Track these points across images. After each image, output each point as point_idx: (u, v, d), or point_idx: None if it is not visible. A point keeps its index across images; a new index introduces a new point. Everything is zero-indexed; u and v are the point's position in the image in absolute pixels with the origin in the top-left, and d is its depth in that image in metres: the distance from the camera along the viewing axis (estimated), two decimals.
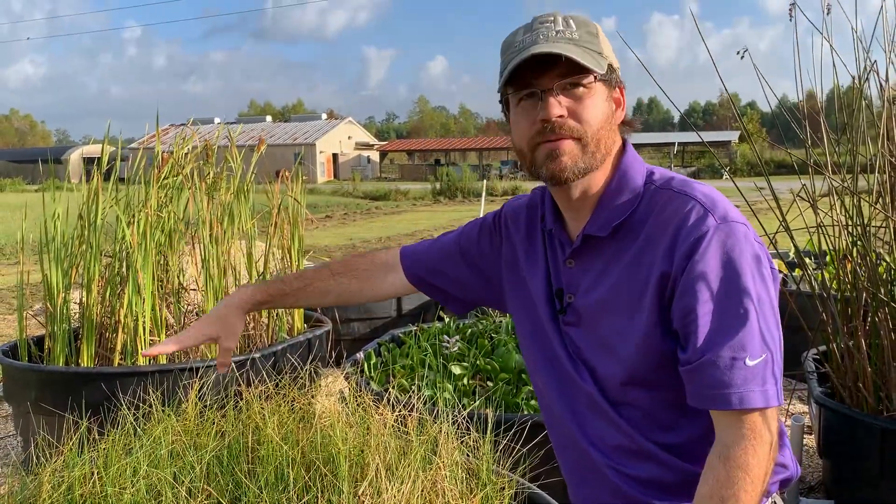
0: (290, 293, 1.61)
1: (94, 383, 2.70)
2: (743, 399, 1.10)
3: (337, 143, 54.79)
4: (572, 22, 1.22)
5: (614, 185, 1.26)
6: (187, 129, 3.84)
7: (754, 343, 1.11)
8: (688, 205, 1.19)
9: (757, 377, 1.11)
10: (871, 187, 2.51)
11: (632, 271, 1.22)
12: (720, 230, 1.15)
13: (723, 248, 1.15)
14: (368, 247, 13.03)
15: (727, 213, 1.18)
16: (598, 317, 1.28)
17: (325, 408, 1.86)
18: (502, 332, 3.26)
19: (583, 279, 1.30)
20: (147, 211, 3.20)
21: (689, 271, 1.15)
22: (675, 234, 1.18)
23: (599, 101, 1.21)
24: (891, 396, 2.32)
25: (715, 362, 1.12)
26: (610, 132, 1.24)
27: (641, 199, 1.25)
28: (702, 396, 1.14)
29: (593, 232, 1.27)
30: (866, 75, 2.55)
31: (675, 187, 1.24)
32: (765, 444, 1.11)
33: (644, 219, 1.23)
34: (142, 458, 1.55)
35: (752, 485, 1.09)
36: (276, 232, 3.76)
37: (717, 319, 1.13)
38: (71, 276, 3.26)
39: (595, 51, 1.21)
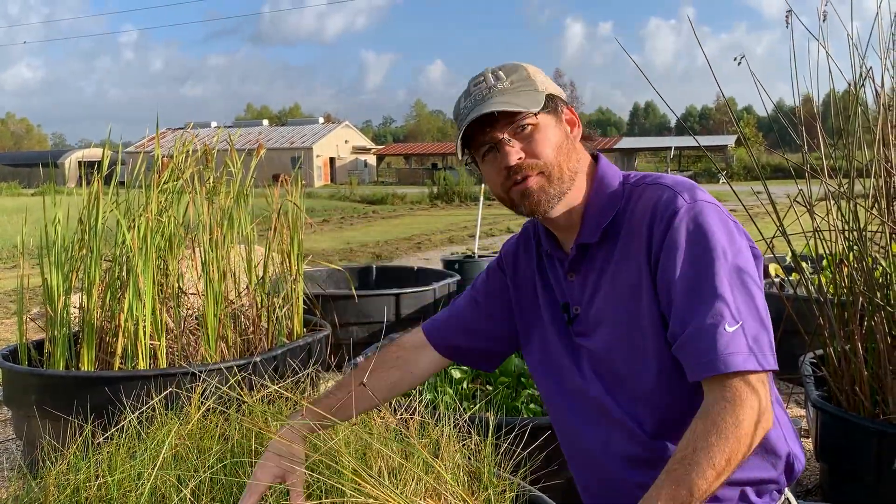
0: (339, 408, 1.56)
1: (96, 387, 2.72)
2: (727, 362, 1.13)
3: (334, 147, 54.79)
4: (501, 73, 1.34)
5: (594, 194, 1.36)
6: (187, 133, 3.86)
7: (731, 310, 1.16)
8: (659, 191, 1.29)
9: (738, 342, 1.14)
10: (868, 192, 2.54)
11: (623, 265, 1.30)
12: (690, 208, 1.24)
13: (693, 223, 1.22)
14: (366, 251, 13.04)
15: (696, 195, 1.26)
16: (605, 316, 1.32)
17: None
18: None
19: (585, 288, 1.36)
20: (147, 215, 3.21)
21: (665, 249, 1.23)
22: (652, 218, 1.26)
23: (549, 131, 1.31)
24: (887, 400, 2.34)
25: (697, 333, 1.16)
26: (570, 153, 1.33)
27: (622, 200, 1.33)
28: (693, 370, 1.18)
29: (585, 240, 1.35)
30: (862, 81, 2.57)
31: (647, 181, 1.34)
32: (748, 409, 1.12)
33: (625, 216, 1.32)
34: (146, 461, 1.57)
35: (727, 441, 1.10)
36: (275, 236, 3.77)
37: (693, 290, 1.19)
38: (71, 280, 3.27)
39: (528, 89, 1.31)
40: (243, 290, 3.63)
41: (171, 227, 3.35)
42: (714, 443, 1.11)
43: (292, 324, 3.74)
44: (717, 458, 1.10)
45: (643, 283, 1.26)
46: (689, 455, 1.11)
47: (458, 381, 2.71)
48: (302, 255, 3.87)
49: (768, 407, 1.15)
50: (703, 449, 1.11)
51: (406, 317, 4.77)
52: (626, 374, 1.30)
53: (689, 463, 1.10)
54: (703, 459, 1.10)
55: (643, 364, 1.27)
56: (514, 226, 17.93)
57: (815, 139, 2.64)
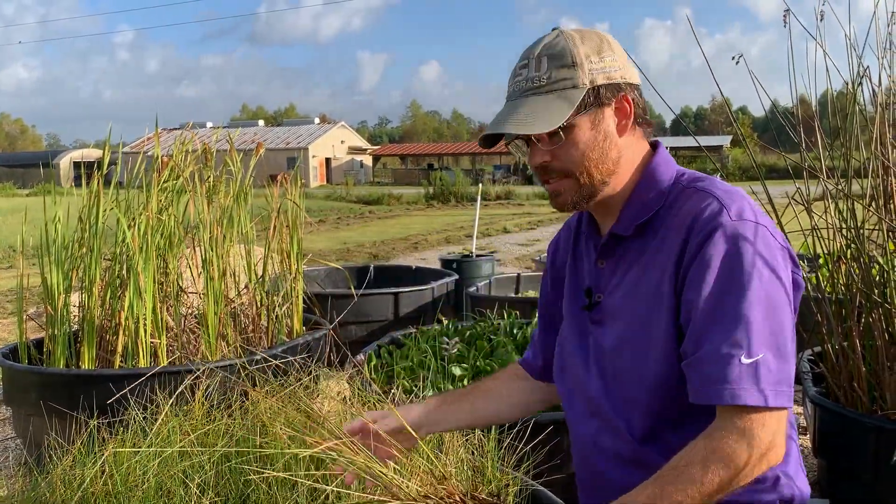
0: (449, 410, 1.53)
1: (98, 385, 2.72)
2: (735, 395, 1.10)
3: (329, 147, 54.78)
4: (545, 60, 1.26)
5: (640, 187, 1.31)
6: (186, 133, 3.86)
7: (752, 341, 1.11)
8: (705, 200, 1.22)
9: (752, 376, 1.11)
10: (865, 191, 2.56)
11: (651, 266, 1.25)
12: (732, 226, 1.17)
13: (731, 243, 1.16)
14: (362, 251, 13.05)
15: (743, 212, 1.19)
16: (621, 314, 1.30)
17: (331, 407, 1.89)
18: (500, 334, 3.29)
19: (611, 279, 1.33)
20: (148, 213, 3.22)
21: (696, 264, 1.17)
22: (690, 228, 1.20)
23: (580, 138, 1.25)
24: (885, 396, 2.36)
25: (710, 357, 1.13)
26: (606, 152, 1.27)
27: (667, 198, 1.28)
28: (698, 392, 1.15)
29: (618, 231, 1.31)
30: (859, 80, 2.59)
31: (698, 186, 1.27)
32: (754, 446, 1.10)
33: (666, 216, 1.26)
34: (152, 456, 1.58)
35: (723, 469, 1.09)
36: (275, 235, 3.78)
37: (715, 314, 1.14)
38: (71, 278, 3.27)
39: (565, 87, 1.24)
40: (243, 288, 3.64)
41: (171, 225, 3.36)
42: (710, 467, 1.10)
43: (292, 322, 3.75)
44: (707, 482, 1.09)
45: (665, 290, 1.22)
46: (682, 467, 1.12)
47: (459, 379, 2.72)
48: (301, 254, 3.88)
49: (777, 443, 1.13)
50: (698, 467, 1.10)
51: (404, 315, 4.78)
52: (626, 375, 1.28)
53: (679, 475, 1.11)
54: (694, 477, 1.10)
55: (644, 368, 1.25)
56: (510, 226, 17.95)
57: (813, 138, 2.66)
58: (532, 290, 5.86)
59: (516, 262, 11.36)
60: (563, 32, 1.28)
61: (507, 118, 1.26)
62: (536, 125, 1.23)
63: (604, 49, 1.27)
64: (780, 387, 1.12)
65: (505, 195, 30.63)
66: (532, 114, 1.24)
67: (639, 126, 1.31)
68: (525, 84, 1.27)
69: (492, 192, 30.45)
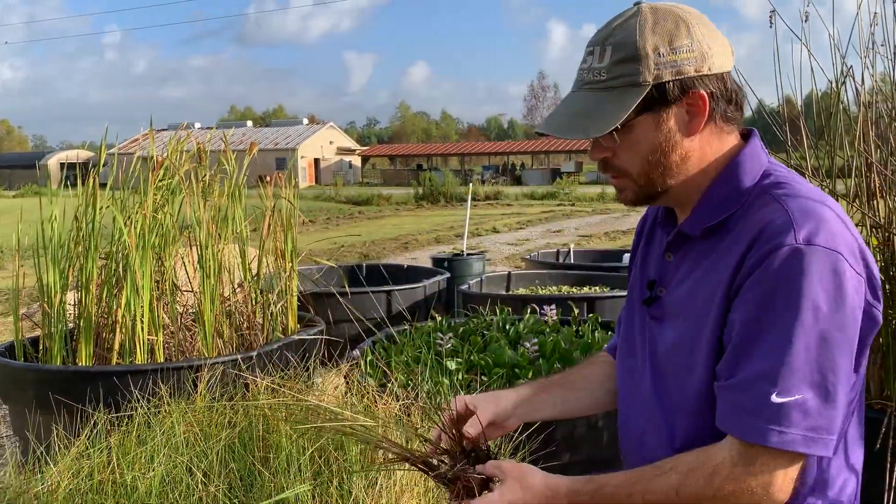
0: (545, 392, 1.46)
1: (97, 381, 2.75)
2: (758, 433, 1.04)
3: (318, 147, 54.69)
4: (609, 49, 1.16)
5: (717, 184, 1.20)
6: (181, 132, 3.89)
7: (789, 379, 1.03)
8: (776, 213, 1.10)
9: (781, 417, 1.03)
10: (849, 189, 2.62)
11: (713, 270, 1.16)
12: (796, 250, 1.05)
13: (792, 268, 1.05)
14: (353, 251, 13.07)
15: (815, 235, 1.06)
16: (677, 317, 1.23)
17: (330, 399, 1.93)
18: (493, 330, 3.34)
19: (675, 275, 1.25)
20: (144, 212, 3.25)
21: (748, 284, 1.09)
22: (755, 238, 1.10)
23: (638, 139, 1.17)
24: (869, 386, 2.42)
25: (741, 386, 1.07)
26: (668, 155, 1.17)
27: (744, 200, 1.17)
28: (724, 418, 1.10)
29: (686, 230, 1.22)
30: (843, 80, 2.66)
31: (776, 194, 1.14)
32: (750, 483, 1.06)
33: (739, 220, 1.15)
34: (158, 445, 1.62)
35: (706, 488, 1.07)
36: (269, 234, 3.82)
37: (755, 342, 1.06)
38: (68, 276, 3.30)
39: (628, 83, 1.14)
40: (238, 286, 3.67)
41: (166, 224, 3.39)
42: (694, 482, 1.08)
43: (287, 320, 3.78)
44: (685, 494, 1.08)
45: (717, 301, 1.13)
46: (666, 468, 1.11)
47: (454, 373, 2.77)
48: (296, 253, 3.92)
49: (783, 489, 1.07)
50: (681, 476, 1.09)
51: (397, 313, 4.82)
52: (675, 378, 1.22)
53: (659, 474, 1.10)
54: (672, 484, 1.09)
55: (691, 375, 1.18)
56: (499, 226, 18.02)
57: (799, 137, 2.73)
58: (522, 289, 5.91)
59: (506, 262, 11.42)
60: (639, 12, 1.16)
61: (561, 117, 1.20)
62: (588, 127, 1.14)
63: (679, 37, 1.13)
64: (814, 433, 1.03)
65: (494, 195, 30.72)
66: (587, 113, 1.16)
67: (721, 122, 1.19)
68: (587, 76, 1.18)
69: (481, 192, 30.52)
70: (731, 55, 1.19)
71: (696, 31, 1.14)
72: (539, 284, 5.98)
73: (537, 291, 5.77)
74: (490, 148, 59.46)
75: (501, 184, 40.84)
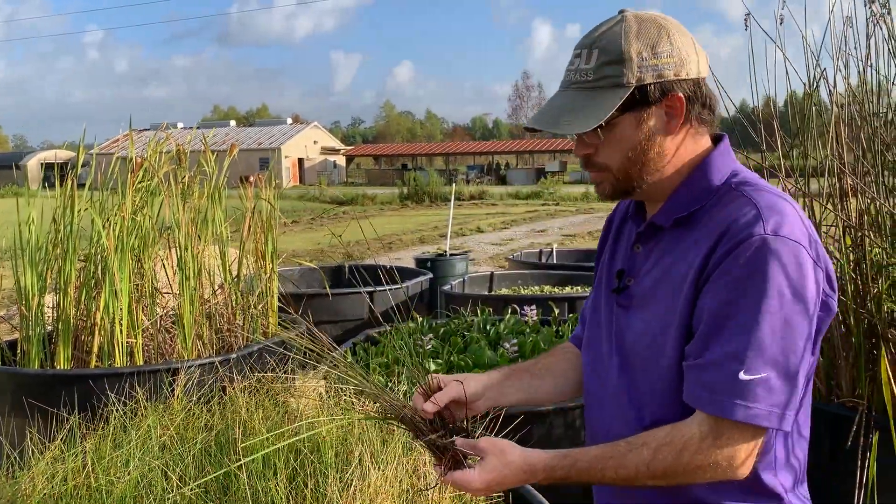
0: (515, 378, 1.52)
1: (74, 384, 2.73)
2: (725, 408, 1.11)
3: (303, 147, 54.50)
4: (595, 51, 1.24)
5: (689, 181, 1.28)
6: (160, 134, 3.87)
7: (755, 359, 1.10)
8: (746, 208, 1.18)
9: (746, 393, 1.10)
10: (823, 189, 2.66)
11: (682, 260, 1.24)
12: (763, 240, 1.13)
13: (757, 257, 1.13)
14: (337, 251, 13.04)
15: (781, 227, 1.15)
16: (645, 304, 1.29)
17: (308, 402, 1.94)
18: (474, 330, 3.35)
19: (643, 265, 1.32)
20: (123, 213, 3.23)
21: (718, 271, 1.16)
22: (723, 233, 1.18)
23: (620, 136, 1.24)
24: (841, 385, 2.45)
25: (710, 365, 1.13)
26: (646, 152, 1.25)
27: (713, 196, 1.25)
28: (691, 395, 1.16)
29: (657, 221, 1.30)
30: (816, 83, 2.69)
31: (745, 190, 1.23)
32: (717, 455, 1.12)
33: (707, 215, 1.24)
34: (133, 450, 1.62)
35: (676, 463, 1.13)
36: (249, 235, 3.81)
37: (725, 324, 1.13)
38: (46, 279, 3.28)
39: (612, 84, 1.22)
40: (218, 288, 3.66)
41: (145, 226, 3.38)
42: (664, 456, 1.14)
43: (267, 321, 3.78)
44: (655, 468, 1.14)
45: (685, 289, 1.20)
46: (638, 444, 1.16)
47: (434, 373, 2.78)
48: (276, 254, 3.91)
49: (745, 463, 1.14)
50: (652, 451, 1.14)
51: (379, 314, 4.83)
52: (642, 365, 1.28)
53: (631, 449, 1.16)
54: (643, 458, 1.14)
55: (658, 361, 1.25)
56: (484, 225, 18.05)
57: (774, 139, 2.76)
58: (505, 289, 5.93)
59: (490, 262, 11.45)
60: (623, 20, 1.25)
61: (550, 112, 1.27)
62: (574, 124, 1.22)
63: (660, 43, 1.22)
64: (776, 408, 1.11)
65: (479, 195, 30.76)
66: (573, 110, 1.23)
67: (695, 124, 1.27)
68: (574, 76, 1.26)
69: (466, 192, 30.55)
70: (706, 63, 1.28)
71: (676, 38, 1.23)
72: (521, 284, 6.00)
73: (519, 291, 5.80)
74: (475, 148, 59.49)
75: (486, 183, 40.89)
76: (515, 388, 1.47)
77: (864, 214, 2.55)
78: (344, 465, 1.59)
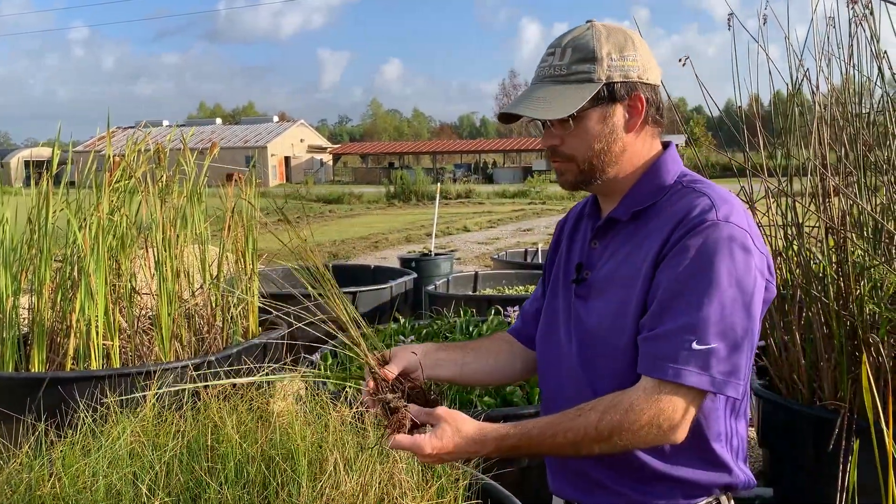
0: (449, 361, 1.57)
1: (48, 388, 2.68)
2: (678, 374, 1.19)
3: (289, 145, 54.27)
4: (569, 49, 1.35)
5: (642, 181, 1.39)
6: (139, 132, 3.82)
7: (706, 330, 1.20)
8: (699, 199, 1.30)
9: (699, 361, 1.19)
10: (805, 189, 2.65)
11: (637, 251, 1.33)
12: (716, 225, 1.25)
13: (711, 238, 1.24)
14: (322, 250, 12.98)
15: (731, 215, 1.27)
16: (603, 290, 1.37)
17: (283, 407, 1.90)
18: (457, 332, 3.32)
19: (601, 258, 1.40)
20: (99, 214, 3.18)
21: (675, 250, 1.26)
22: (679, 220, 1.28)
23: (588, 128, 1.34)
24: (823, 387, 2.44)
25: (665, 336, 1.22)
26: (611, 145, 1.36)
27: (666, 193, 1.36)
28: (646, 365, 1.23)
29: (615, 216, 1.39)
30: (799, 84, 2.68)
31: (696, 187, 1.35)
32: (660, 417, 1.20)
33: (661, 209, 1.35)
34: (101, 458, 1.57)
35: (625, 431, 1.19)
36: (229, 235, 3.76)
37: (679, 298, 1.22)
38: (20, 280, 3.22)
39: (582, 80, 1.32)
40: (197, 289, 3.61)
41: (123, 226, 3.32)
42: (611, 417, 1.21)
43: (247, 323, 3.73)
44: (602, 429, 1.21)
45: (643, 273, 1.29)
46: (586, 409, 1.23)
47: None
48: (256, 254, 3.86)
49: (682, 426, 1.22)
50: (600, 414, 1.21)
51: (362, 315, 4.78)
52: (602, 350, 1.34)
53: (580, 414, 1.23)
54: (591, 421, 1.21)
55: (617, 345, 1.32)
56: (470, 224, 18.03)
57: (758, 139, 2.75)
58: (489, 289, 5.91)
59: (476, 261, 11.43)
60: (593, 26, 1.36)
61: (525, 101, 1.35)
62: (548, 111, 1.32)
63: (627, 48, 1.35)
64: (729, 377, 1.21)
65: (465, 194, 30.74)
66: (547, 100, 1.33)
67: (651, 125, 1.39)
68: (548, 71, 1.36)
69: (452, 190, 30.52)
70: (660, 74, 1.41)
71: (639, 47, 1.37)
72: (506, 284, 5.98)
73: (504, 291, 5.77)
74: (462, 146, 59.47)
75: (473, 182, 40.87)
76: (448, 361, 1.54)
77: (846, 215, 2.54)
78: (318, 473, 1.56)
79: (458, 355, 1.56)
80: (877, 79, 2.59)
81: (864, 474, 1.47)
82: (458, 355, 1.56)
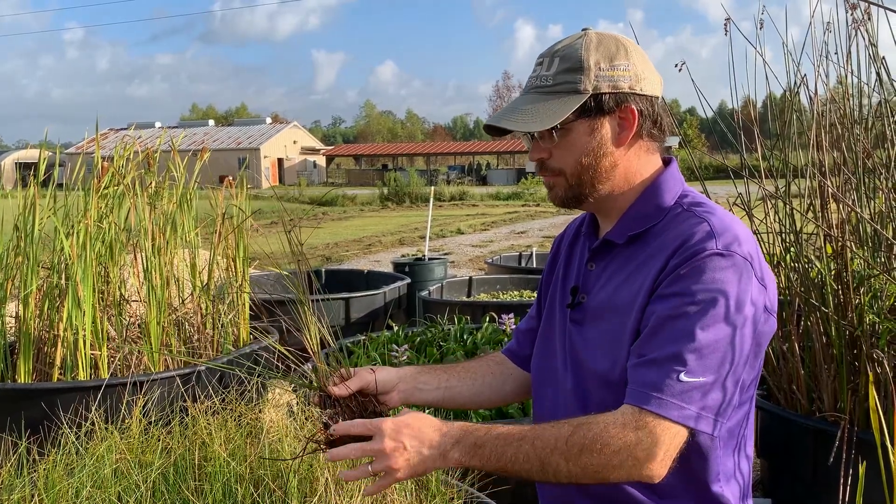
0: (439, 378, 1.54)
1: (33, 400, 2.63)
2: (661, 405, 1.13)
3: (282, 147, 54.17)
4: (557, 59, 1.30)
5: (641, 200, 1.33)
6: (128, 136, 3.76)
7: (697, 362, 1.14)
8: (699, 225, 1.24)
9: (685, 394, 1.13)
10: (802, 194, 2.61)
11: (635, 277, 1.28)
12: (717, 255, 1.19)
13: (710, 268, 1.18)
14: (315, 253, 12.92)
15: (732, 244, 1.20)
16: (599, 317, 1.32)
17: (272, 421, 1.85)
18: (451, 341, 3.28)
19: (597, 282, 1.35)
20: (87, 221, 3.12)
21: (672, 277, 1.20)
22: (677, 247, 1.23)
23: (574, 141, 1.29)
24: (823, 398, 2.41)
25: (654, 364, 1.16)
26: (599, 159, 1.30)
27: (665, 216, 1.30)
28: (631, 392, 1.18)
29: (611, 238, 1.34)
30: (796, 88, 2.65)
31: (697, 210, 1.28)
32: (640, 449, 1.12)
33: (660, 233, 1.29)
34: (85, 478, 1.52)
35: (599, 455, 1.12)
36: (220, 241, 3.71)
37: (671, 328, 1.17)
38: (7, 289, 3.16)
39: (569, 91, 1.27)
40: (187, 296, 3.56)
41: (111, 233, 3.27)
42: (584, 432, 1.14)
43: (238, 330, 3.68)
44: (573, 444, 1.13)
45: (639, 301, 1.24)
46: (562, 423, 1.17)
47: None
48: (247, 260, 3.81)
49: (662, 463, 1.14)
50: (573, 428, 1.15)
51: (356, 321, 4.74)
52: (596, 377, 1.30)
53: (554, 426, 1.17)
54: (563, 433, 1.15)
55: (612, 372, 1.27)
56: (464, 227, 17.99)
57: (754, 142, 2.72)
58: (484, 294, 5.87)
59: (470, 264, 11.39)
60: (585, 35, 1.31)
61: (509, 113, 1.32)
62: (531, 123, 1.28)
63: (618, 57, 1.29)
64: (705, 412, 1.14)
65: (459, 196, 30.70)
66: (531, 111, 1.28)
67: (647, 139, 1.32)
68: (535, 81, 1.32)
69: (446, 192, 30.47)
70: (660, 85, 1.34)
71: (634, 56, 1.30)
72: (500, 289, 5.94)
73: (498, 297, 5.73)
74: (456, 148, 59.45)
75: (467, 184, 40.84)
76: (432, 385, 1.49)
77: (844, 223, 2.51)
78: (309, 493, 1.51)
79: (442, 378, 1.51)
80: (875, 84, 2.57)
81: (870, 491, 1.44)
82: (440, 378, 1.51)
